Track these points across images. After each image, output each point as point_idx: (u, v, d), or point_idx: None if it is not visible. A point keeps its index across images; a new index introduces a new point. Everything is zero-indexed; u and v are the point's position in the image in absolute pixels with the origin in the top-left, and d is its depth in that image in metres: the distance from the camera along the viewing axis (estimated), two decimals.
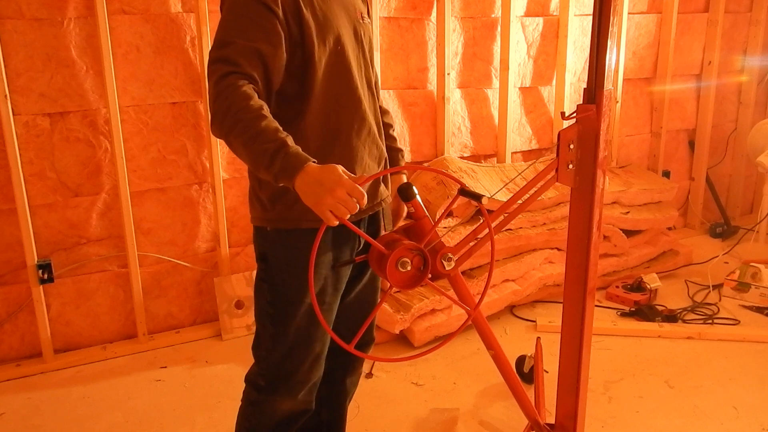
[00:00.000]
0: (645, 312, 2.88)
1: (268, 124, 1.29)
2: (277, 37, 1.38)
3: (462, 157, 3.24)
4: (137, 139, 2.61)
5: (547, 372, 2.32)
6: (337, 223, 1.24)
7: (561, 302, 1.66)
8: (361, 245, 1.63)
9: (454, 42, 3.10)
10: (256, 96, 1.33)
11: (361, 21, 1.58)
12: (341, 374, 1.80)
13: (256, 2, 1.37)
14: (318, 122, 1.48)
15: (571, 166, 1.54)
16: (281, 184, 1.29)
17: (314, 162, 1.27)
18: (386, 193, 1.67)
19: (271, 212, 1.53)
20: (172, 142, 2.67)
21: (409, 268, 1.38)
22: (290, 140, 1.29)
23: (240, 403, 1.68)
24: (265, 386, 1.60)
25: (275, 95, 1.44)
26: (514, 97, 3.29)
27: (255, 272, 1.60)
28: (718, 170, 4.07)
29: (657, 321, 2.83)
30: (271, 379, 1.60)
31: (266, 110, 1.31)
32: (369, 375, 2.47)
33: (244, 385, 1.72)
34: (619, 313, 2.94)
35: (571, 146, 1.52)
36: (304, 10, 1.42)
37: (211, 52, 1.38)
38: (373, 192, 1.61)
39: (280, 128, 1.30)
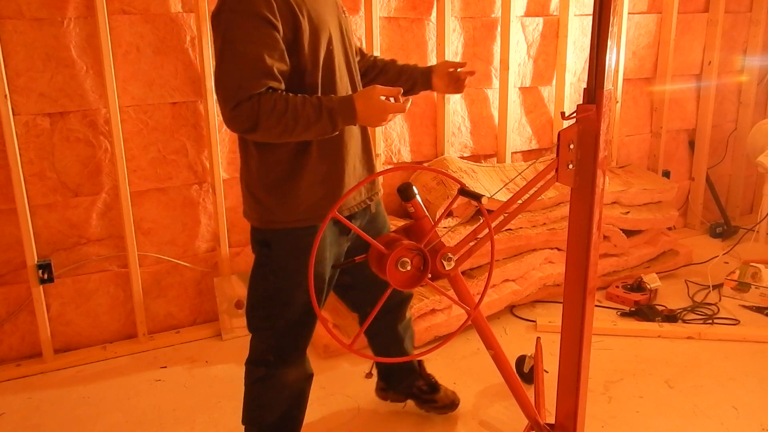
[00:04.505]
0: (645, 312, 2.87)
1: (303, 101, 1.46)
2: (281, 53, 1.46)
3: (462, 157, 3.24)
4: (137, 139, 2.61)
5: (547, 372, 2.32)
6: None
7: (561, 302, 1.66)
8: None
9: (454, 42, 3.09)
10: (274, 93, 1.44)
11: (343, 15, 1.66)
12: (392, 321, 2.02)
13: (258, 19, 1.40)
14: None
15: (571, 166, 1.54)
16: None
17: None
18: (376, 188, 1.77)
19: (270, 214, 1.59)
20: (172, 142, 2.67)
21: (409, 268, 1.38)
22: (323, 98, 1.49)
23: (244, 390, 1.73)
24: (274, 360, 1.67)
25: None
26: (514, 97, 3.29)
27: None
28: (718, 170, 4.07)
29: (657, 321, 2.83)
30: (280, 351, 1.67)
31: (286, 95, 1.46)
32: (369, 375, 2.47)
33: (244, 385, 1.73)
34: (619, 313, 2.94)
35: (571, 146, 1.52)
36: (300, 18, 1.47)
37: (227, 93, 1.42)
38: (364, 187, 1.72)
39: (306, 97, 1.47)
